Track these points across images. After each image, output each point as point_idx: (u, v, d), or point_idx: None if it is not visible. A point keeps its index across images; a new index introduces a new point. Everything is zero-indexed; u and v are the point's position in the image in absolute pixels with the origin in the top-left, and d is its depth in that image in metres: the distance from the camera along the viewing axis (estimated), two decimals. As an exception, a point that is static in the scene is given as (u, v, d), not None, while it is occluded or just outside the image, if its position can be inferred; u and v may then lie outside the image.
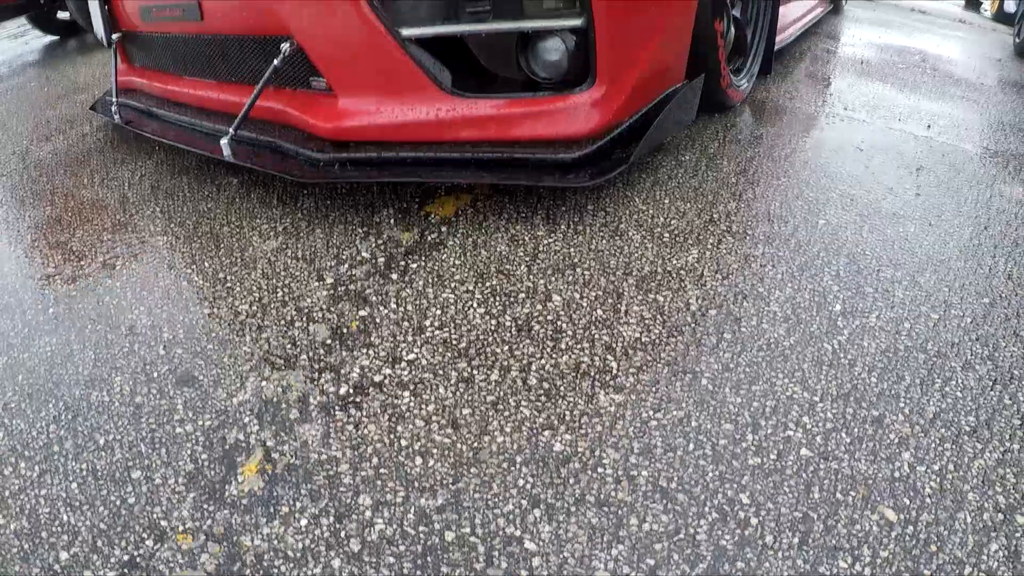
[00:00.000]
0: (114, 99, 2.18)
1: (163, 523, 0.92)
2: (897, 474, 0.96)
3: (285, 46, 1.47)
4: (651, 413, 1.03)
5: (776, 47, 2.72)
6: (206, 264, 1.44)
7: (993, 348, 1.23)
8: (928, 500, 0.93)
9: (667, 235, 1.45)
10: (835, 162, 1.94)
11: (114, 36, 2.15)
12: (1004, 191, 1.95)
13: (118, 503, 0.94)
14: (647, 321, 1.21)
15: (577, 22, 1.37)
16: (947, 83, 3.33)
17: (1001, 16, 7.75)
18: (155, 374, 1.16)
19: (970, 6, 10.38)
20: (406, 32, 1.37)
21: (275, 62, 1.49)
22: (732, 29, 2.22)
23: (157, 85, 2.15)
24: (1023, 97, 3.33)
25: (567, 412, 1.04)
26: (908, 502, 0.93)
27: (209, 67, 1.84)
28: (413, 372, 1.12)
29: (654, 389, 1.08)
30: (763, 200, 1.64)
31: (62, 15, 4.74)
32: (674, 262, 1.37)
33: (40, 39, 5.56)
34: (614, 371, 1.11)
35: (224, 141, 1.55)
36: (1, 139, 2.71)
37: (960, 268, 1.46)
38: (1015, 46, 5.19)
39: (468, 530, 0.89)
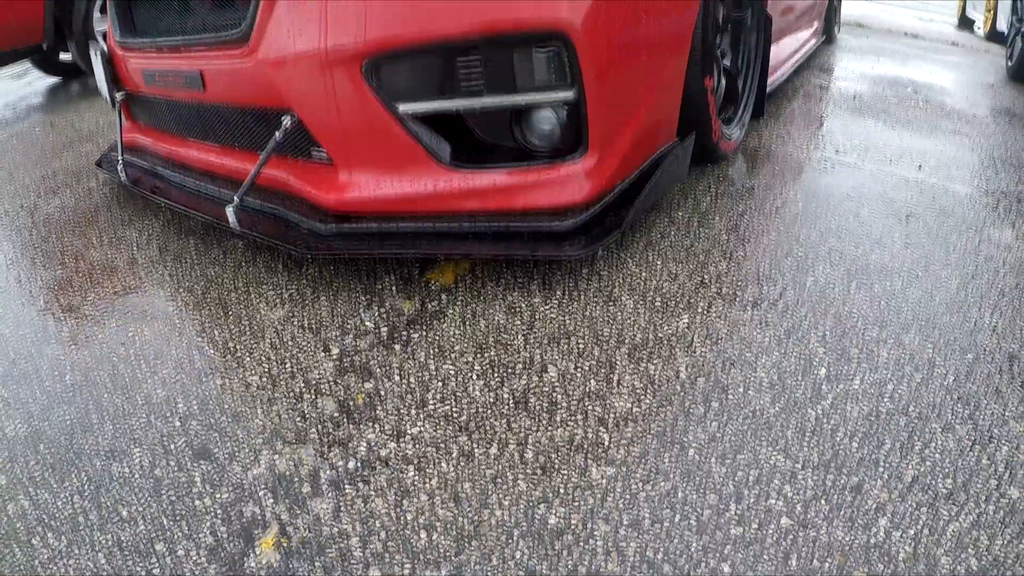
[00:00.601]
0: (119, 157, 2.27)
1: (186, 600, 1.00)
2: (873, 540, 1.04)
3: (286, 120, 1.57)
4: (640, 486, 1.12)
5: (769, 88, 2.82)
6: (216, 333, 1.53)
7: (974, 407, 1.31)
8: (902, 566, 1.01)
9: (659, 300, 1.54)
10: (825, 214, 2.02)
11: (118, 95, 2.25)
12: (993, 236, 2.03)
13: (144, 575, 1.03)
14: (638, 392, 1.30)
15: (568, 95, 1.46)
16: (939, 116, 3.42)
17: (993, 35, 7.83)
18: (172, 447, 1.25)
19: (963, 25, 10.47)
20: (403, 108, 1.47)
21: (276, 135, 1.58)
22: (723, 80, 2.32)
23: (161, 145, 2.24)
24: (1015, 128, 3.40)
25: (561, 486, 1.12)
26: (882, 568, 1.00)
27: (212, 132, 1.93)
28: (417, 447, 1.20)
29: (643, 462, 1.16)
30: (753, 259, 1.72)
31: (64, 56, 4.85)
32: (665, 329, 1.45)
33: (43, 80, 5.67)
34: (606, 444, 1.19)
35: (229, 209, 1.65)
36: (9, 191, 2.80)
37: (945, 323, 1.54)
38: (1007, 69, 5.26)
39: (470, 605, 0.97)
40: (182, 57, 1.80)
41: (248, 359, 1.44)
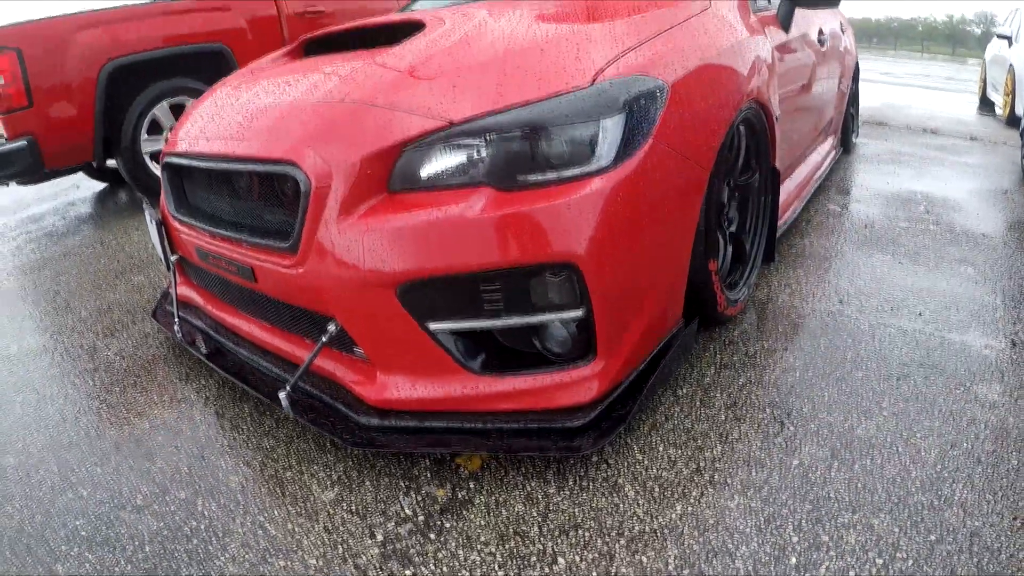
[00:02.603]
0: (175, 315, 2.61)
1: None
2: None
3: (331, 326, 1.92)
4: None
5: (783, 226, 3.14)
6: (276, 513, 1.86)
7: (927, 593, 1.59)
8: None
9: (657, 488, 1.85)
10: (820, 382, 2.32)
11: (172, 257, 2.57)
12: (980, 393, 2.29)
13: None
14: (633, 585, 1.61)
15: (578, 313, 1.80)
16: (948, 243, 3.70)
17: (1013, 120, 8.12)
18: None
19: (984, 106, 10.80)
20: (433, 326, 1.81)
21: (323, 339, 1.93)
22: (729, 248, 2.65)
23: (214, 310, 2.56)
24: (1023, 246, 3.67)
25: None
26: None
27: (263, 313, 2.26)
28: (448, 639, 1.52)
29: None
30: (746, 441, 2.03)
31: (111, 163, 5.31)
32: (660, 519, 1.76)
33: (90, 183, 6.14)
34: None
35: (282, 395, 1.98)
36: (67, 325, 3.18)
37: (916, 503, 1.79)
38: (1022, 168, 5.51)
39: None
40: (234, 249, 2.09)
41: (306, 541, 1.76)
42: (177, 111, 5.23)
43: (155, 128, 5.15)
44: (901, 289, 3.08)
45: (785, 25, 3.20)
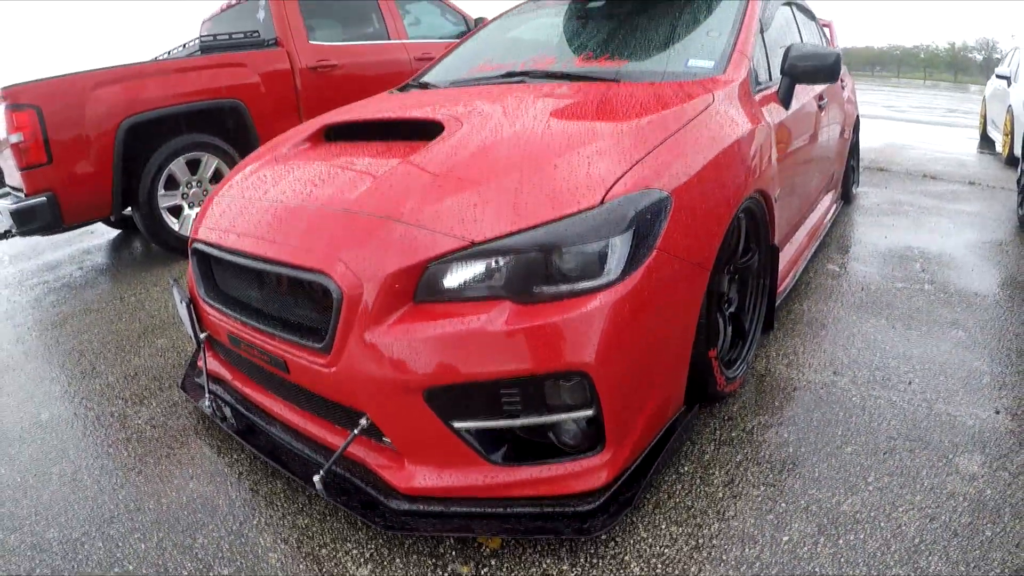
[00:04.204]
0: (206, 390, 2.83)
1: None
2: None
3: (363, 421, 2.15)
4: None
5: (783, 292, 3.39)
6: (314, 591, 2.11)
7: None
8: None
9: (660, 565, 2.09)
10: (811, 458, 2.56)
11: (202, 335, 2.77)
12: (961, 465, 2.52)
13: None
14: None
15: (589, 412, 2.04)
16: (941, 304, 3.97)
17: (1012, 160, 8.39)
18: None
19: (984, 144, 11.12)
20: (457, 425, 2.05)
21: (355, 431, 2.17)
22: (728, 328, 2.90)
23: (243, 388, 2.78)
24: (1014, 305, 3.93)
25: None
26: None
27: (295, 399, 2.49)
28: None
29: None
30: (741, 517, 2.27)
31: (126, 211, 5.57)
32: (660, 599, 2.01)
33: (104, 229, 6.39)
34: None
35: (317, 479, 2.19)
36: (96, 390, 3.41)
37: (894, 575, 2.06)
38: (1019, 218, 5.74)
39: None
40: (267, 340, 2.28)
41: (344, 620, 2.01)
42: (193, 166, 5.51)
43: (172, 183, 5.42)
44: (894, 357, 3.33)
45: (786, 103, 3.45)
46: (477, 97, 2.96)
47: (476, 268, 2.00)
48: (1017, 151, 8.09)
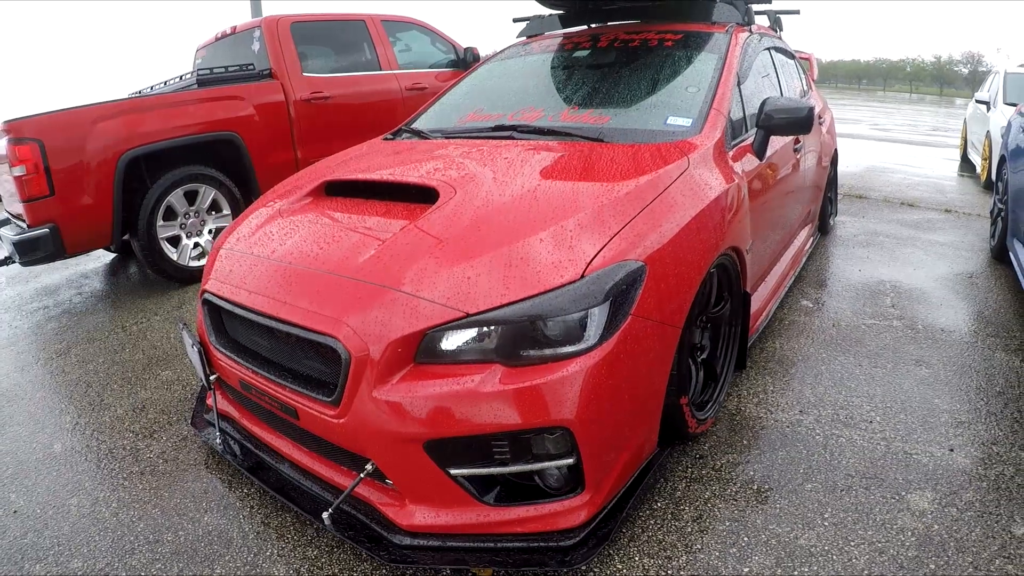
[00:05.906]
0: (216, 429, 3.11)
1: None
2: None
3: (369, 466, 2.43)
4: None
5: (753, 336, 3.69)
6: (324, 620, 2.42)
7: None
8: None
9: (633, 598, 2.42)
10: (774, 495, 2.85)
11: (212, 377, 3.01)
12: (912, 502, 2.81)
13: None
14: None
15: (570, 461, 2.35)
16: (908, 341, 4.29)
17: (990, 184, 8.75)
18: None
19: (964, 167, 11.51)
20: (454, 472, 2.36)
21: (361, 474, 2.47)
22: (700, 374, 3.23)
23: (252, 427, 3.05)
24: (976, 344, 4.23)
25: None
26: None
27: (304, 441, 2.77)
28: None
29: None
30: (707, 551, 2.58)
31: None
32: (634, 626, 2.33)
33: (100, 252, 6.62)
34: None
35: (326, 516, 2.47)
36: (105, 423, 3.66)
37: (839, 611, 2.38)
38: (991, 248, 6.03)
39: None
40: (278, 389, 2.54)
41: (350, 644, 2.32)
42: (191, 197, 5.81)
43: (170, 214, 5.72)
44: (858, 395, 3.65)
45: (760, 154, 3.75)
46: (468, 158, 3.26)
47: (470, 334, 2.31)
48: (995, 175, 8.44)
